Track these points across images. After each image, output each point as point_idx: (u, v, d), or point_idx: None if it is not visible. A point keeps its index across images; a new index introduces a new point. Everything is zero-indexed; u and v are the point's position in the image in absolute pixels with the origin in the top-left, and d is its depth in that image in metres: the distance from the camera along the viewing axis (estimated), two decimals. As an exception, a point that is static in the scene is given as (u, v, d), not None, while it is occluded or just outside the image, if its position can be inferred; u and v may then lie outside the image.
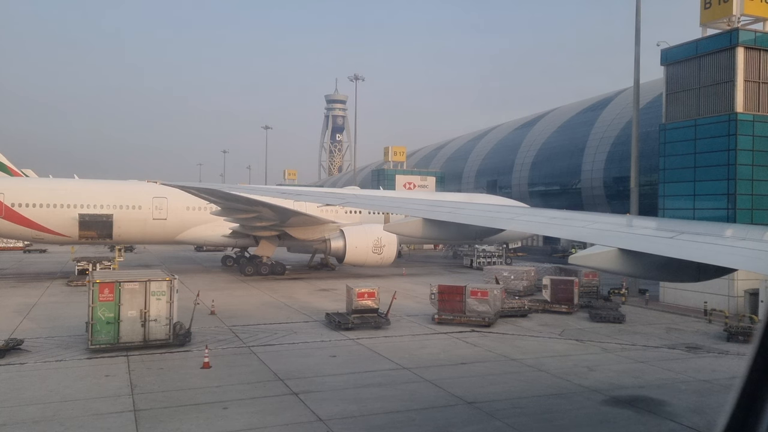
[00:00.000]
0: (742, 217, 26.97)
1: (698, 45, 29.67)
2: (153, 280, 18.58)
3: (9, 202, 36.84)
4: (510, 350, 19.28)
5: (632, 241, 8.45)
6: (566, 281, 27.52)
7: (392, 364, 17.30)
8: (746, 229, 10.77)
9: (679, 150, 29.90)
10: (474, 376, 16.27)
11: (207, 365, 16.39)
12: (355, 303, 22.50)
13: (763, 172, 27.66)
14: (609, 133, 57.63)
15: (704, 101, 29.19)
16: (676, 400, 14.41)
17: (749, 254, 7.14)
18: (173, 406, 13.31)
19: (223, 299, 27.81)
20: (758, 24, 29.24)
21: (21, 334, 19.38)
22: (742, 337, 21.08)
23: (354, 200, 23.14)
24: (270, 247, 40.25)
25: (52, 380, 15.05)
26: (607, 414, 13.51)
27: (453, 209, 13.58)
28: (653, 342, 21.05)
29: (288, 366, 16.79)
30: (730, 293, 26.20)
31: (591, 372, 16.90)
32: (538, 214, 13.53)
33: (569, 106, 73.35)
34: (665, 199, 30.62)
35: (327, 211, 40.37)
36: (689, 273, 8.09)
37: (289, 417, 12.71)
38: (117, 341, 17.95)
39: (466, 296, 23.34)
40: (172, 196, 38.67)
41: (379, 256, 37.66)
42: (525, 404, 13.99)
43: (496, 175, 75.51)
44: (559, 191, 63.97)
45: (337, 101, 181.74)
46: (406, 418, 12.85)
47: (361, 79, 73.30)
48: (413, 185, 76.00)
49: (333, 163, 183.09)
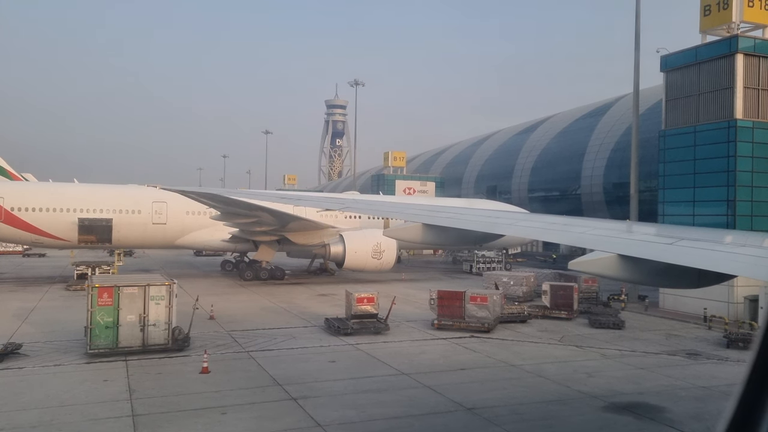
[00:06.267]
0: (741, 223, 26.99)
1: (698, 52, 29.77)
2: (152, 285, 18.54)
3: (9, 206, 36.81)
4: (509, 356, 19.24)
5: (632, 247, 8.44)
6: (566, 287, 27.48)
7: (391, 369, 17.26)
8: (746, 236, 10.76)
9: (679, 156, 29.95)
10: (473, 382, 16.23)
11: (206, 370, 16.34)
12: (355, 308, 22.46)
13: (762, 179, 27.70)
14: (609, 139, 57.67)
15: (704, 108, 29.26)
16: (675, 406, 14.37)
17: (749, 260, 7.13)
18: (172, 411, 13.26)
19: (222, 304, 27.77)
20: (758, 31, 29.37)
21: (19, 338, 19.33)
22: (741, 344, 21.04)
23: (353, 205, 23.10)
24: (269, 252, 40.24)
25: (50, 385, 15.01)
26: (607, 420, 13.47)
27: (452, 214, 13.58)
28: (653, 348, 21.01)
29: (287, 371, 16.75)
30: (730, 300, 26.17)
31: (590, 378, 16.86)
32: (537, 220, 13.52)
33: (569, 112, 73.41)
34: (665, 205, 30.64)
35: (326, 216, 40.34)
36: (689, 279, 8.08)
37: (287, 422, 12.67)
38: (116, 346, 17.90)
39: (466, 302, 23.30)
40: (172, 201, 38.64)
41: (378, 261, 37.63)
42: (524, 410, 13.95)
43: (495, 180, 75.53)
44: (559, 197, 63.97)
45: (337, 106, 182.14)
46: (405, 424, 12.81)
47: (362, 85, 73.63)
48: (413, 190, 76.01)
49: (333, 168, 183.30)
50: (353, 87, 73.53)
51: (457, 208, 18.05)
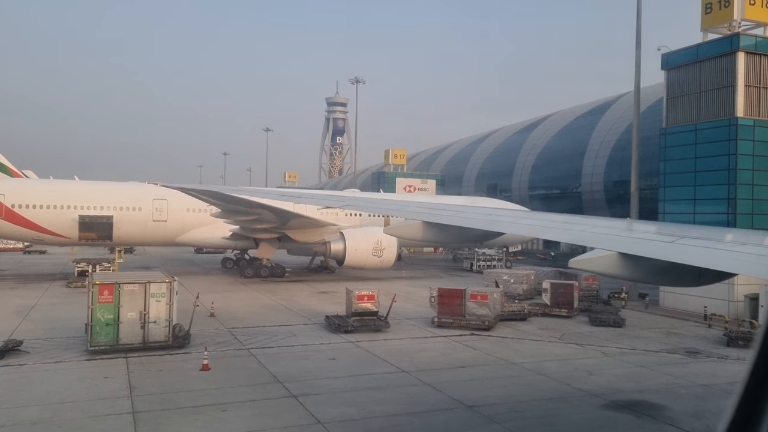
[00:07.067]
0: (742, 221, 26.97)
1: (699, 50, 29.72)
2: (153, 282, 18.56)
3: (9, 203, 36.84)
4: (510, 354, 19.25)
5: (632, 246, 8.43)
6: (566, 285, 27.48)
7: (391, 367, 17.27)
8: (746, 234, 10.75)
9: (680, 154, 29.92)
10: (473, 380, 16.24)
11: (206, 367, 16.36)
12: (355, 306, 22.48)
13: (763, 177, 27.67)
14: (609, 137, 57.64)
15: (705, 106, 29.22)
16: (675, 404, 14.38)
17: (749, 259, 7.13)
18: (172, 408, 13.28)
19: (222, 301, 27.79)
20: (759, 29, 29.29)
21: (20, 335, 19.34)
22: (741, 342, 21.04)
23: (354, 203, 23.11)
24: (270, 250, 40.25)
25: (51, 382, 15.02)
26: (607, 418, 13.49)
27: (453, 212, 13.58)
28: (653, 346, 21.01)
29: (287, 368, 16.76)
30: (730, 298, 26.18)
31: (591, 376, 16.87)
32: (538, 218, 13.52)
33: (570, 110, 73.36)
34: (665, 203, 30.61)
35: (327, 213, 40.33)
36: (689, 277, 8.08)
37: (288, 420, 12.69)
38: (116, 343, 17.92)
39: (466, 299, 23.32)
40: (173, 198, 38.66)
41: (379, 259, 37.64)
42: (524, 408, 13.96)
43: (496, 178, 75.53)
44: (560, 195, 63.96)
45: (338, 104, 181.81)
46: (405, 421, 12.83)
47: (362, 82, 73.51)
48: (413, 188, 75.95)
49: (333, 166, 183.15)
50: (354, 85, 73.51)
51: (457, 206, 18.06)
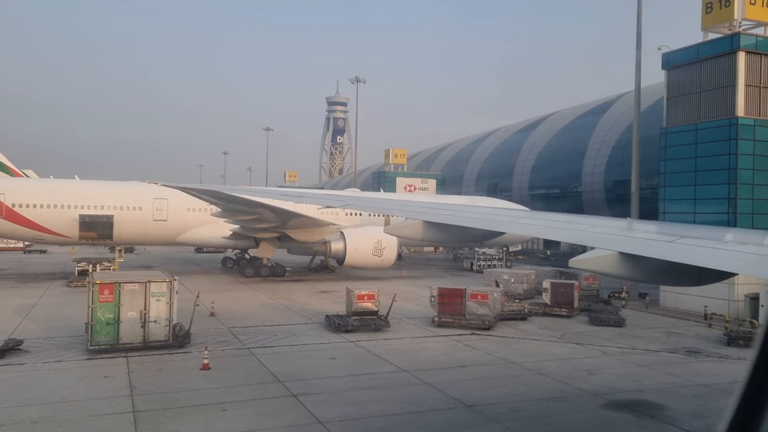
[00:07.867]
0: (742, 221, 26.96)
1: (699, 49, 29.69)
2: (153, 282, 18.56)
3: (10, 203, 36.85)
4: (510, 353, 19.25)
5: (633, 245, 8.43)
6: (566, 285, 27.48)
7: (392, 366, 17.27)
8: (747, 234, 10.75)
9: (680, 154, 29.89)
10: (474, 379, 16.24)
11: (206, 367, 16.36)
12: (355, 305, 22.48)
13: (763, 177, 27.65)
14: (610, 136, 57.61)
15: (705, 105, 29.20)
16: (676, 404, 14.38)
17: (750, 258, 7.13)
18: (172, 407, 13.29)
19: (222, 301, 27.79)
20: (759, 28, 29.26)
21: (20, 334, 19.35)
22: (742, 342, 21.04)
23: (354, 202, 23.11)
24: (270, 249, 40.25)
25: (51, 381, 15.03)
26: (607, 418, 13.49)
27: (453, 212, 13.58)
28: (653, 346, 21.02)
29: (287, 368, 16.77)
30: (731, 297, 26.17)
31: (591, 375, 16.87)
32: (539, 218, 13.51)
33: (570, 110, 73.32)
34: (666, 203, 30.60)
35: (327, 213, 40.33)
36: (690, 277, 8.08)
37: (288, 419, 12.69)
38: (116, 342, 17.92)
39: (466, 299, 23.31)
40: (173, 198, 38.67)
41: (379, 259, 37.64)
42: (525, 407, 13.96)
43: (496, 178, 75.49)
44: (560, 195, 63.93)
45: (338, 103, 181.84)
46: (405, 420, 12.83)
47: (363, 82, 73.49)
48: (414, 188, 75.91)
49: (334, 165, 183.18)
50: (354, 84, 73.50)
51: (458, 206, 18.05)
